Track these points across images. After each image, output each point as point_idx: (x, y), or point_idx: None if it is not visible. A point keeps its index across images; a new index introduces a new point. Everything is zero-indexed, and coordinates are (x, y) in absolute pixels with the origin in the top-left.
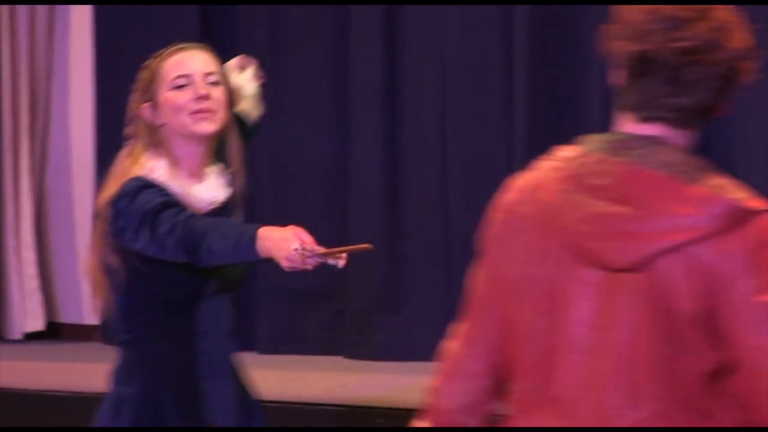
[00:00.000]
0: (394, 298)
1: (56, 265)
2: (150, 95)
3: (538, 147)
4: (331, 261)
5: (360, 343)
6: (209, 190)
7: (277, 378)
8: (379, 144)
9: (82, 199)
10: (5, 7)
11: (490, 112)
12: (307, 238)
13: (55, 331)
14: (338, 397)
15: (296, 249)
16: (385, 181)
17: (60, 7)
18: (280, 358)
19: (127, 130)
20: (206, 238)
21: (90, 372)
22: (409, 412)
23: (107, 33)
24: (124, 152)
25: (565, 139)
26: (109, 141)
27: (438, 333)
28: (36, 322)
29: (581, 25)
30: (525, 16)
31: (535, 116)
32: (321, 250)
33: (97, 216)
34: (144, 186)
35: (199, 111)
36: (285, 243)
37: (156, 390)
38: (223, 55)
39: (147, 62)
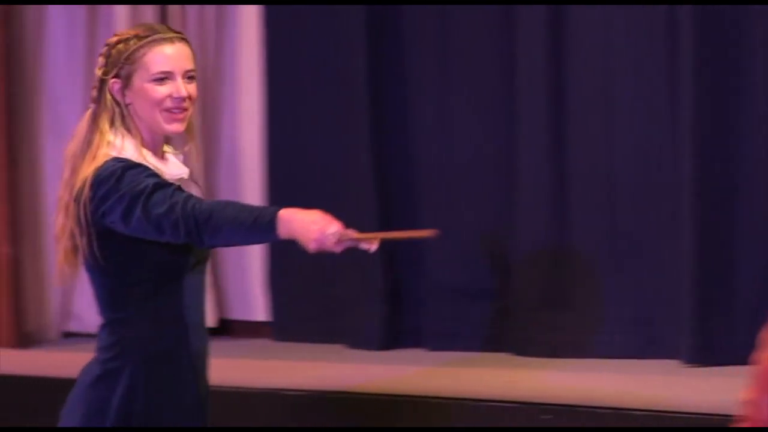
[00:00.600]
0: (559, 295)
1: (226, 262)
2: (122, 74)
3: (703, 144)
4: (364, 245)
5: (525, 339)
6: (174, 167)
7: (447, 374)
8: (545, 141)
9: (250, 200)
10: (176, 8)
11: (654, 109)
12: (337, 223)
13: (227, 328)
14: (506, 393)
15: (334, 233)
16: (551, 178)
17: (228, 7)
18: (446, 354)
19: (92, 95)
20: (211, 218)
21: (260, 368)
22: (576, 409)
23: (275, 33)
24: (85, 121)
25: (730, 135)
26: (278, 142)
27: (603, 329)
28: (208, 319)
29: (746, 23)
30: (690, 14)
31: (699, 113)
32: (356, 234)
33: (65, 198)
34: (128, 167)
35: (174, 110)
36: (314, 226)
37: (147, 368)
38: (392, 54)
39: (123, 37)
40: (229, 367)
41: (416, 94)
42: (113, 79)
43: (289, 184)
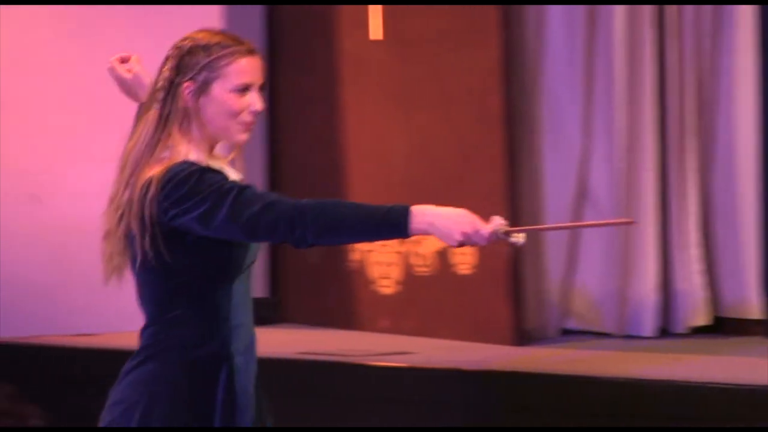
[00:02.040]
0: None
1: (722, 262)
2: (199, 79)
3: None
4: (512, 239)
5: None
6: (232, 173)
7: None
8: None
9: (745, 198)
10: (672, 8)
11: None
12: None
13: (720, 326)
14: None
15: (496, 228)
16: None
17: (725, 8)
18: None
19: (158, 96)
20: (323, 216)
21: (751, 366)
22: None
23: None
24: (150, 122)
25: None
26: None
27: None
28: (701, 317)
29: None
30: None
31: None
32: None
33: (123, 197)
34: (205, 169)
35: (249, 123)
36: (462, 220)
37: (194, 368)
38: None
39: (201, 42)
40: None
41: None
42: (187, 83)
43: None
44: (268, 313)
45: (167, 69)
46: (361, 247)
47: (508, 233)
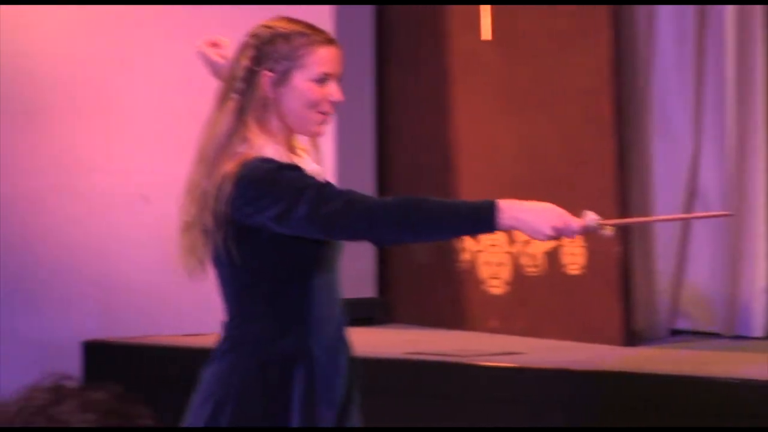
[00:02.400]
0: None
1: None
2: (279, 69)
3: None
4: (603, 232)
5: None
6: (310, 164)
7: None
8: None
9: None
10: (762, 8)
11: None
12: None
13: None
14: None
15: (588, 223)
16: None
17: None
18: None
19: (237, 86)
20: (410, 214)
21: None
22: None
23: None
24: (227, 113)
25: None
26: None
27: None
28: None
29: None
30: None
31: None
32: (612, 221)
33: (201, 188)
34: (281, 166)
35: (328, 112)
36: (551, 214)
37: (269, 364)
38: None
39: (281, 31)
40: None
41: None
42: (266, 72)
43: None
44: (377, 313)
45: (245, 57)
46: (471, 247)
47: (601, 226)
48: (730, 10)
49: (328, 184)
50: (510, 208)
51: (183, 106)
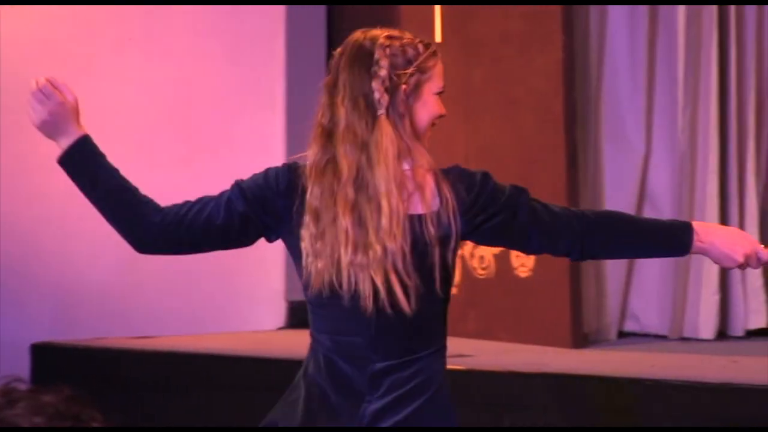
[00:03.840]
0: None
1: None
2: (411, 81)
3: None
4: None
5: None
6: None
7: None
8: None
9: None
10: (733, 8)
11: None
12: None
13: None
14: None
15: None
16: None
17: None
18: None
19: (382, 99)
20: (604, 230)
21: None
22: None
23: None
24: (387, 134)
25: None
26: None
27: None
28: (759, 319)
29: None
30: None
31: None
32: None
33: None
34: (487, 175)
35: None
36: (744, 240)
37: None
38: None
39: (406, 41)
40: None
41: None
42: (404, 85)
43: None
44: None
45: (382, 69)
46: None
47: None
48: (681, 10)
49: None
50: (706, 232)
51: (144, 108)
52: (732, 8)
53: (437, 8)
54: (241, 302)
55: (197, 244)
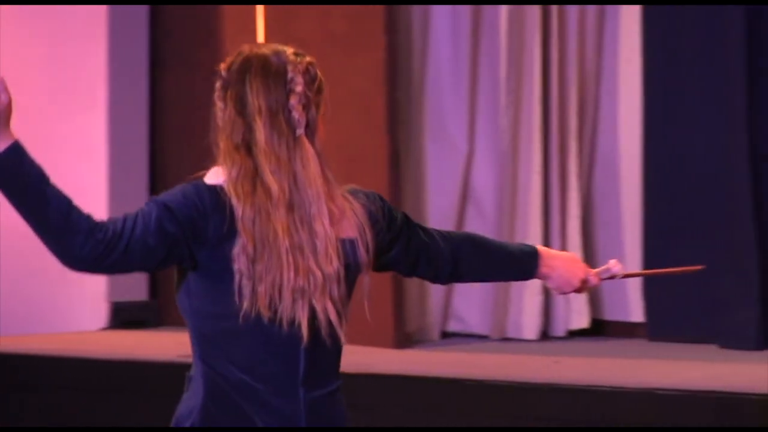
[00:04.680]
0: None
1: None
2: (319, 99)
3: None
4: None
5: None
6: None
7: None
8: None
9: (628, 202)
10: (555, 8)
11: None
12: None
13: (601, 329)
14: None
15: (608, 275)
16: None
17: (609, 8)
18: None
19: (303, 118)
20: (463, 258)
21: (634, 368)
22: None
23: (656, 33)
24: (310, 149)
25: None
26: (655, 143)
27: None
28: (581, 320)
29: None
30: None
31: None
32: (623, 273)
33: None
34: (382, 197)
35: None
36: (579, 264)
37: None
38: None
39: (312, 60)
40: (604, 367)
41: None
42: (314, 105)
43: (664, 186)
44: (148, 316)
45: (298, 86)
46: None
47: (612, 277)
48: (504, 10)
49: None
50: (549, 257)
51: (35, 107)
52: (554, 8)
53: (260, 8)
54: (63, 303)
55: (130, 266)
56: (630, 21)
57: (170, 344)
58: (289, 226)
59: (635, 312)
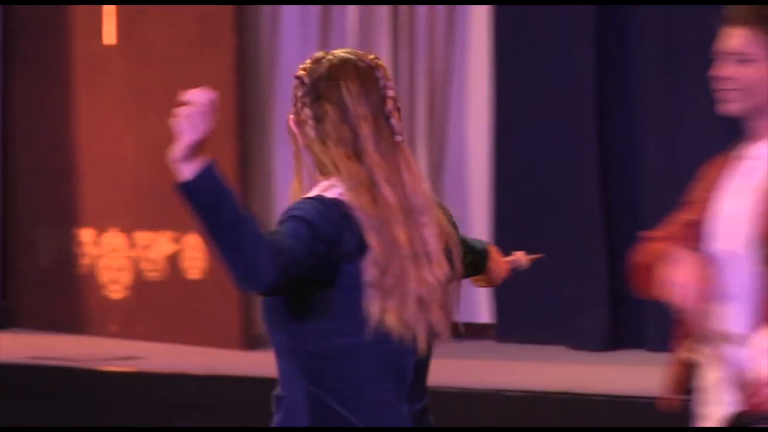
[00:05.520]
0: None
1: None
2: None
3: None
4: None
5: None
6: None
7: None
8: None
9: (477, 202)
10: (405, 8)
11: None
12: None
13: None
14: None
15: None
16: None
17: (459, 8)
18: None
19: (400, 125)
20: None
21: (483, 369)
22: None
23: (506, 34)
24: (410, 155)
25: None
26: (505, 144)
27: None
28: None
29: None
30: None
31: None
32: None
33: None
34: None
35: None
36: (501, 257)
37: None
38: (620, 54)
39: None
40: (453, 368)
41: (643, 94)
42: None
43: (515, 186)
44: None
45: (390, 91)
46: (91, 251)
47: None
48: (353, 11)
49: None
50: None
51: None
52: (404, 8)
53: (109, 9)
54: None
55: (288, 288)
56: (479, 21)
57: (20, 346)
58: (408, 234)
59: (484, 313)
